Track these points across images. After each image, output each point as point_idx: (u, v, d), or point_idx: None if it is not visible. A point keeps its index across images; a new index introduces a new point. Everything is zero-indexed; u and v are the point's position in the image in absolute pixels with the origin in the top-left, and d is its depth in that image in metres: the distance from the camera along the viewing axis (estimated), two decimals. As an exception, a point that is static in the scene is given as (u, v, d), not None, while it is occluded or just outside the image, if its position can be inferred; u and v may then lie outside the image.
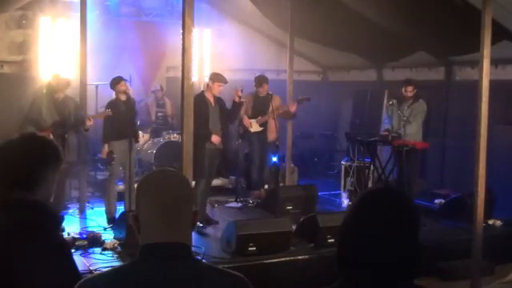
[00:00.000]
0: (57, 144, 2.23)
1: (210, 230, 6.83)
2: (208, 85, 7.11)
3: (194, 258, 1.65)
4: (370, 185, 7.98)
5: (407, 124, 7.57)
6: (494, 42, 5.57)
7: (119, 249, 5.76)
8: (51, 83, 6.93)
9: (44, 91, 6.93)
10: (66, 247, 2.09)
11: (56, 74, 7.15)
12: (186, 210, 1.63)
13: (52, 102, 6.79)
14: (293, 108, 7.92)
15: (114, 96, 7.15)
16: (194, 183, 6.92)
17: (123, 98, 7.04)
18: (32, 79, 8.73)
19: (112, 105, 7.05)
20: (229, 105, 7.27)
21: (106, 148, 7.08)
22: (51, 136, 6.39)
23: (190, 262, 1.61)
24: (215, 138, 6.97)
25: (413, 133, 7.67)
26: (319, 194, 7.92)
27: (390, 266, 1.52)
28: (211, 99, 7.05)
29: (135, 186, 7.32)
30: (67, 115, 6.84)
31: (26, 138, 2.18)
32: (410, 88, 7.74)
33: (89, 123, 6.84)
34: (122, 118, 6.97)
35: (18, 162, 2.05)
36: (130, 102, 7.07)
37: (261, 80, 8.40)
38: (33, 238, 1.93)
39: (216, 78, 7.09)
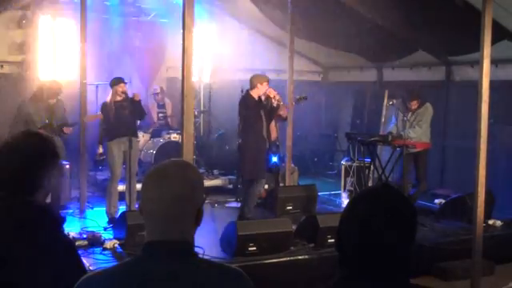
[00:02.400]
0: (55, 141, 2.21)
1: (210, 229, 6.82)
2: (256, 87, 7.07)
3: (196, 256, 1.64)
4: (369, 185, 7.98)
5: (410, 127, 7.56)
6: (494, 41, 5.56)
7: (119, 249, 5.76)
8: (42, 88, 7.01)
9: (33, 94, 7.01)
10: (71, 246, 2.09)
11: (50, 80, 7.23)
12: (189, 206, 1.62)
13: (41, 106, 6.88)
14: (284, 112, 7.88)
15: (109, 96, 7.16)
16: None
17: (119, 98, 7.05)
18: (32, 79, 8.74)
19: (105, 106, 7.11)
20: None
21: (100, 149, 7.18)
22: None
23: (190, 260, 1.61)
24: None
25: (416, 136, 7.63)
26: (319, 194, 7.91)
27: (388, 265, 1.52)
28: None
29: (136, 185, 7.37)
30: (55, 118, 6.94)
31: (24, 138, 2.16)
32: (414, 102, 7.65)
33: (67, 131, 7.06)
34: (118, 119, 6.98)
35: (17, 163, 2.03)
36: (127, 102, 7.07)
37: (260, 79, 8.39)
38: (36, 239, 1.93)
39: (261, 78, 7.15)
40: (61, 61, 9.44)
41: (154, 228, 1.61)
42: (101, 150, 7.18)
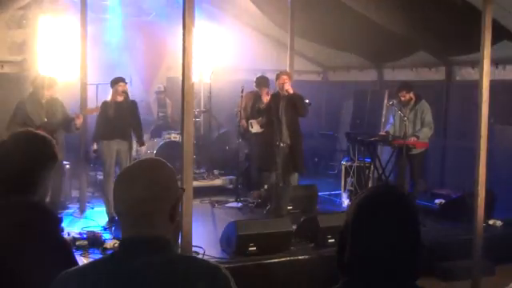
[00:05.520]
0: (53, 141, 2.20)
1: (210, 229, 6.82)
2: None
3: (171, 251, 1.64)
4: (370, 185, 7.97)
5: (413, 127, 7.56)
6: (494, 42, 5.56)
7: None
8: (35, 81, 7.02)
9: (30, 91, 7.02)
10: (66, 247, 2.09)
11: (43, 75, 7.26)
12: (159, 205, 1.62)
13: (38, 103, 6.88)
14: None
15: (110, 95, 7.16)
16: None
17: (120, 98, 7.05)
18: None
19: (105, 105, 7.10)
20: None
21: (94, 146, 7.19)
22: None
23: (163, 255, 1.61)
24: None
25: (426, 137, 7.62)
26: (319, 194, 7.91)
27: (391, 267, 1.52)
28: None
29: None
30: (54, 116, 6.93)
31: (22, 137, 2.15)
32: (402, 93, 7.66)
33: (78, 121, 6.89)
34: (116, 119, 6.98)
35: (15, 163, 2.03)
36: (127, 103, 7.07)
37: (261, 82, 8.39)
38: (33, 238, 1.93)
39: (278, 75, 7.21)
40: (61, 61, 9.44)
41: (127, 226, 1.63)
42: (95, 146, 7.17)
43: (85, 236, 6.03)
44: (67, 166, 7.87)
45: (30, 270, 1.89)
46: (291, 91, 7.03)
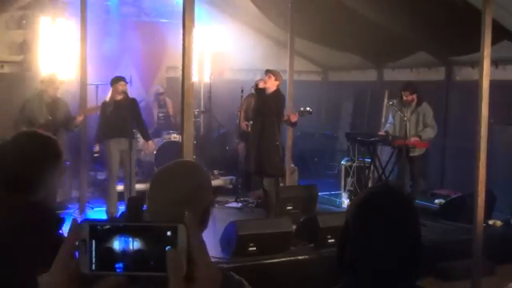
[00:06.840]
0: (56, 140, 2.20)
1: (210, 230, 6.82)
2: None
3: None
4: (370, 185, 7.97)
5: (415, 128, 7.56)
6: (494, 42, 5.56)
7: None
8: (44, 79, 7.08)
9: (37, 90, 7.06)
10: None
11: (51, 73, 7.31)
12: (193, 208, 1.61)
13: (44, 103, 6.93)
14: (294, 118, 7.57)
15: (109, 95, 7.18)
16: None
17: (119, 97, 7.06)
18: (32, 79, 8.73)
19: (104, 105, 7.12)
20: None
21: (96, 148, 7.23)
22: None
23: None
24: None
25: (428, 137, 7.63)
26: (319, 194, 7.91)
27: (391, 267, 1.52)
28: None
29: (135, 185, 7.34)
30: (58, 115, 6.96)
31: (27, 137, 2.15)
32: (406, 93, 7.64)
33: (79, 118, 7.02)
34: (115, 118, 6.99)
35: (19, 162, 2.03)
36: (127, 101, 7.08)
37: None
38: (33, 239, 1.93)
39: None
40: (61, 61, 9.43)
41: None
42: (97, 148, 7.22)
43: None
44: (66, 165, 7.87)
45: (30, 270, 1.89)
46: (261, 85, 7.24)
